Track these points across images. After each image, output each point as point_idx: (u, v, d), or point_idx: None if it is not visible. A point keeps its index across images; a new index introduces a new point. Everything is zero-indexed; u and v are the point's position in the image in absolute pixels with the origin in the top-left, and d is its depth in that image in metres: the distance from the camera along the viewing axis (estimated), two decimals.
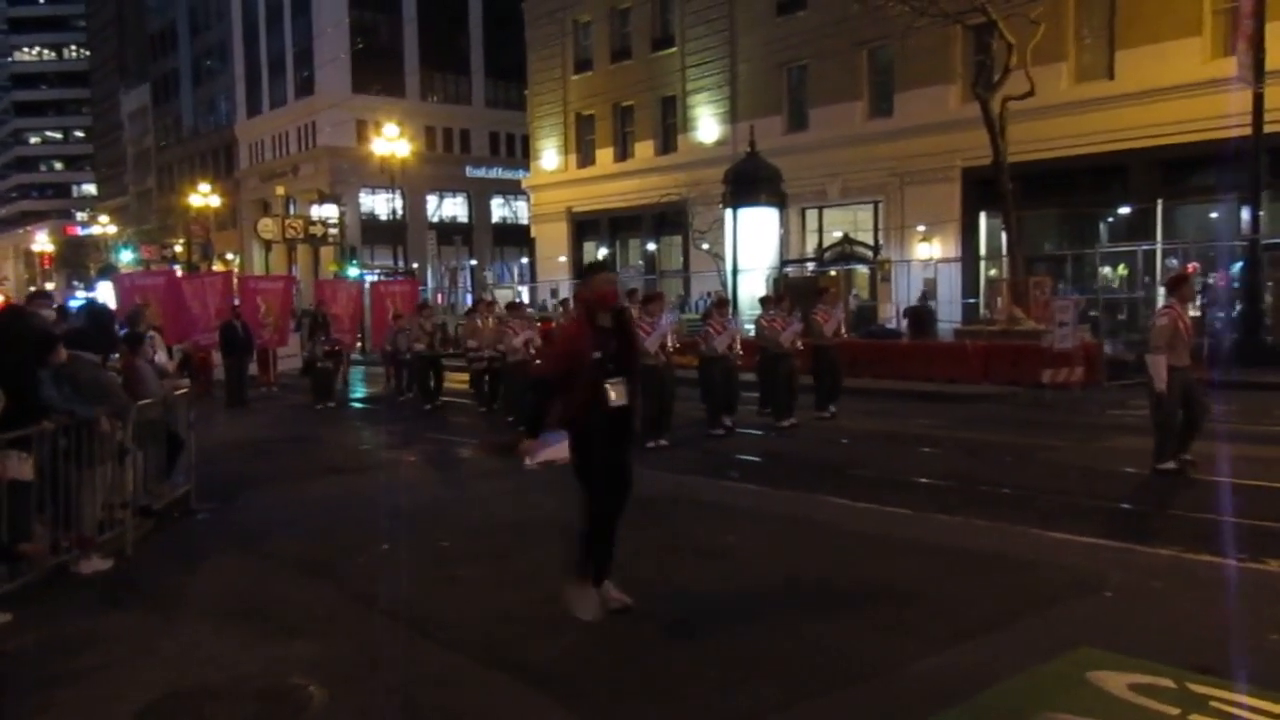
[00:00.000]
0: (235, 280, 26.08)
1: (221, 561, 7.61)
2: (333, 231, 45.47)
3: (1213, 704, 4.32)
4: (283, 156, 61.79)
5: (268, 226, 46.54)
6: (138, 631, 5.96)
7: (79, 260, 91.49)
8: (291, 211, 54.09)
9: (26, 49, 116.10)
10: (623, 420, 5.65)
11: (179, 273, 49.13)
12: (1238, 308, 19.83)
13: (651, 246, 39.59)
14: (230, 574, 7.26)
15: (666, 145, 37.75)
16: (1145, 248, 22.92)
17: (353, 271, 42.75)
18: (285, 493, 10.43)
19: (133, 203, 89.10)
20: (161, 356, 13.24)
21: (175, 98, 77.89)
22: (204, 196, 55.25)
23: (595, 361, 5.53)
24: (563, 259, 41.78)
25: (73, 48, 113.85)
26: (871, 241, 29.90)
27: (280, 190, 57.38)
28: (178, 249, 62.99)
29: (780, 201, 28.21)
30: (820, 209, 32.72)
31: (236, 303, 22.05)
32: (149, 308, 19.18)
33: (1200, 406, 9.76)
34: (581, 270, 6.61)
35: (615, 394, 5.57)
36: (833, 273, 28.83)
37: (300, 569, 7.30)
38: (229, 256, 65.83)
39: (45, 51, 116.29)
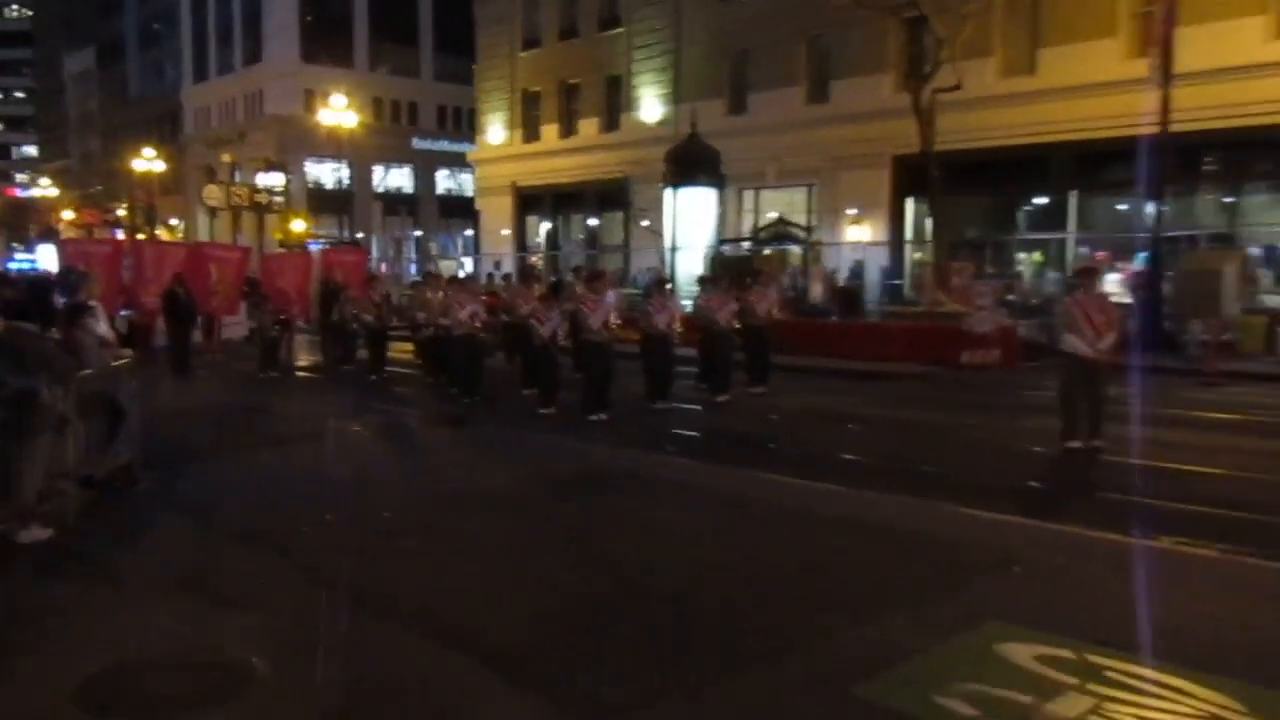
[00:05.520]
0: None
1: (165, 531, 7.60)
2: (278, 200, 45.49)
3: (1108, 674, 4.66)
4: (230, 124, 61.20)
5: (213, 193, 46.49)
6: (79, 602, 5.90)
7: (19, 222, 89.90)
8: (237, 179, 53.84)
9: None
10: None
11: (120, 236, 48.95)
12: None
13: (594, 222, 40.18)
14: (173, 544, 7.26)
15: (611, 124, 38.17)
16: (1059, 237, 23.84)
17: (299, 225, 42.60)
18: (230, 462, 10.36)
19: (75, 165, 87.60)
20: (104, 327, 13.59)
21: (121, 61, 76.50)
22: (148, 161, 54.75)
23: None
24: (506, 232, 42.16)
25: (14, 8, 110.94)
26: (805, 223, 30.72)
27: (227, 158, 56.97)
28: (121, 213, 62.29)
29: (719, 182, 28.97)
30: (758, 190, 33.37)
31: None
32: (91, 276, 19.24)
33: (1098, 392, 10.50)
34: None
35: None
36: (767, 252, 29.58)
37: (244, 540, 7.30)
38: (173, 222, 65.28)
39: None
